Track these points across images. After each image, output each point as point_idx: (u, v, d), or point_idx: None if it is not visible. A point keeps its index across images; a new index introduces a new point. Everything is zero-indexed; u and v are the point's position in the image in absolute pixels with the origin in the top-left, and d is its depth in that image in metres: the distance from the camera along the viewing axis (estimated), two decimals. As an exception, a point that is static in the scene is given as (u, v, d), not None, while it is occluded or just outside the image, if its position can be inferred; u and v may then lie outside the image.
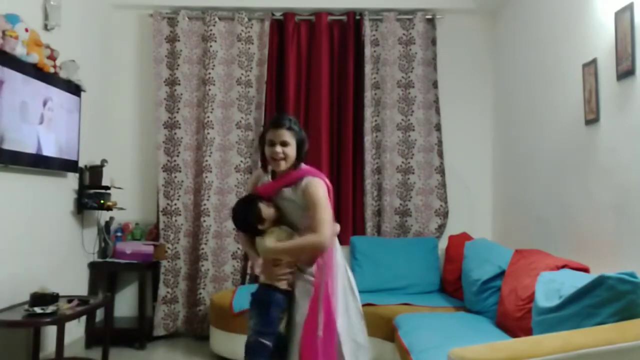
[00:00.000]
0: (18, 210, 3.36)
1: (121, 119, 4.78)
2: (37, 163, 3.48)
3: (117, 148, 4.70)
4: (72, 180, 4.04)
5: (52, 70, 3.56)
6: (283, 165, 2.47)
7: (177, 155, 4.67)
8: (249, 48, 4.71)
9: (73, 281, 4.02)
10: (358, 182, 4.69)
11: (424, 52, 4.71)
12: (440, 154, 4.69)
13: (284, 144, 2.45)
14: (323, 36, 4.69)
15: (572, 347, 1.88)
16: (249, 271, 4.54)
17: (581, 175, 3.16)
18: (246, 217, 2.51)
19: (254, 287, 2.61)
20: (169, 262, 4.58)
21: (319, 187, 2.44)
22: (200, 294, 4.51)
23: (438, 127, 4.70)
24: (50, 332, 3.44)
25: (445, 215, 4.67)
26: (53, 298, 3.08)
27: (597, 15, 2.98)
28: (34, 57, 3.32)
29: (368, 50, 4.69)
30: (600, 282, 2.11)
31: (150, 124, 4.76)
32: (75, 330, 4.06)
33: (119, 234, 4.50)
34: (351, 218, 4.62)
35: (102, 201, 4.13)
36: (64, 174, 3.91)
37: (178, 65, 4.69)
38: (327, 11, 4.73)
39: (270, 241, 2.45)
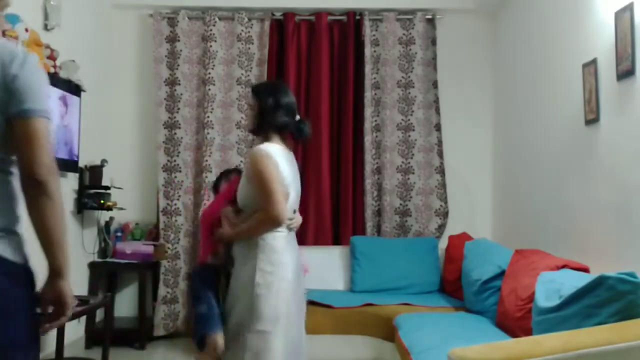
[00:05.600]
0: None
1: (121, 119, 4.78)
2: (37, 163, 3.47)
3: (117, 148, 4.69)
4: (72, 180, 4.04)
5: (52, 70, 3.56)
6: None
7: (177, 155, 4.67)
8: (249, 48, 4.71)
9: (73, 281, 3.93)
10: (358, 182, 4.69)
11: (424, 52, 4.71)
12: (440, 154, 4.69)
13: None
14: (323, 36, 4.68)
15: (572, 347, 1.88)
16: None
17: (581, 175, 3.16)
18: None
19: None
20: (169, 262, 4.57)
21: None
22: (200, 294, 4.50)
23: (438, 127, 4.70)
24: (50, 332, 3.43)
25: (445, 215, 4.67)
26: (53, 298, 3.07)
27: (597, 15, 2.98)
28: (34, 57, 3.31)
29: (368, 50, 4.69)
30: (600, 282, 2.11)
31: (150, 124, 4.76)
32: (75, 330, 4.05)
33: (119, 234, 4.50)
34: (351, 218, 4.62)
35: (102, 201, 4.13)
36: (63, 174, 3.91)
37: (178, 65, 4.69)
38: (327, 11, 4.73)
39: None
